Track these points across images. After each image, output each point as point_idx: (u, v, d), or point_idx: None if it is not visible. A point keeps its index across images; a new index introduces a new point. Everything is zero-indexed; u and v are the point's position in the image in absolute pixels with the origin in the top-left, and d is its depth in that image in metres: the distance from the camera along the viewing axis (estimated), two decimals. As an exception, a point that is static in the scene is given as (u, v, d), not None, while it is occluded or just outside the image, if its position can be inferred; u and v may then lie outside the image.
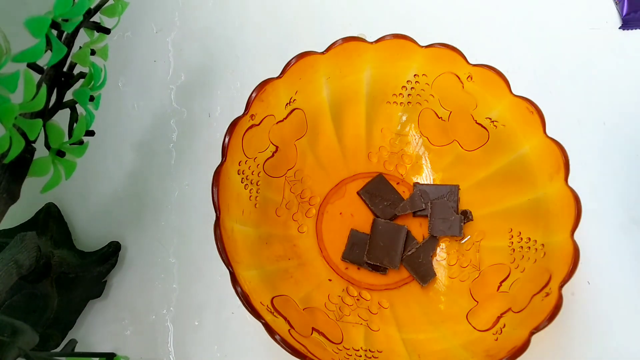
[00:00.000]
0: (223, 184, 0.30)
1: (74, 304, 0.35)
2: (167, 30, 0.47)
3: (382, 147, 0.39)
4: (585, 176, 0.39)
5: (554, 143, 0.31)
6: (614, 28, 0.45)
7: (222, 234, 0.29)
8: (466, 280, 0.35)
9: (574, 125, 0.42)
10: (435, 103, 0.37)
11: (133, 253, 0.39)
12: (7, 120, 0.22)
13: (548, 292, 0.28)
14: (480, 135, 0.36)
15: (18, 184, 0.25)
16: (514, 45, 0.45)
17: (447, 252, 0.37)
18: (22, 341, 0.27)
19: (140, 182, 0.41)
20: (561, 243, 0.30)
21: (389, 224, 0.37)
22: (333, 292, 0.35)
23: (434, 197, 0.38)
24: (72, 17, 0.25)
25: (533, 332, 0.27)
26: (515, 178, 0.34)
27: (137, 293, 0.37)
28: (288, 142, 0.37)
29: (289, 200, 0.37)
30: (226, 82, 0.44)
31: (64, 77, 0.27)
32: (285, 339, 0.27)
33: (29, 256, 0.30)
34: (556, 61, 0.44)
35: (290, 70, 0.33)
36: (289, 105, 0.35)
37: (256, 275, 0.31)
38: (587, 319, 0.35)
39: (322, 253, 0.37)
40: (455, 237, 0.36)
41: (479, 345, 0.30)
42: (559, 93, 0.43)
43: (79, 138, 0.27)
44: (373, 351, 0.31)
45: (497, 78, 0.33)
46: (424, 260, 0.36)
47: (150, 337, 0.36)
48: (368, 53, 0.35)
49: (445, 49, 0.34)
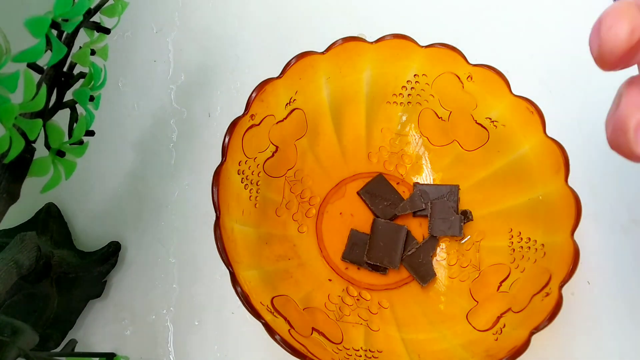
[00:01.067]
0: (223, 184, 0.30)
1: (74, 304, 0.35)
2: (167, 30, 0.47)
3: (382, 147, 0.39)
4: (585, 176, 0.39)
5: (554, 143, 0.31)
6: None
7: (222, 234, 0.29)
8: (466, 280, 0.35)
9: (574, 125, 0.42)
10: (435, 103, 0.37)
11: (133, 253, 0.39)
12: (7, 120, 0.22)
13: (548, 292, 0.28)
14: (480, 135, 0.36)
15: (18, 184, 0.25)
16: (514, 45, 0.45)
17: (447, 252, 0.37)
18: (22, 341, 0.27)
19: (140, 182, 0.41)
20: (561, 243, 0.30)
21: (389, 224, 0.37)
22: (333, 292, 0.35)
23: (434, 197, 0.38)
24: (72, 17, 0.25)
25: (533, 332, 0.27)
26: (515, 178, 0.34)
27: (137, 293, 0.37)
28: (288, 142, 0.37)
29: (289, 200, 0.37)
30: (226, 82, 0.44)
31: (64, 77, 0.27)
32: (285, 339, 0.27)
33: (29, 256, 0.30)
34: (556, 61, 0.44)
35: (290, 70, 0.33)
36: (289, 105, 0.35)
37: (256, 275, 0.31)
38: (587, 319, 0.35)
39: (322, 253, 0.37)
40: (455, 237, 0.36)
41: (479, 345, 0.30)
42: (559, 93, 0.43)
43: (79, 138, 0.28)
44: (373, 351, 0.31)
45: (497, 78, 0.33)
46: (424, 260, 0.36)
47: (150, 337, 0.36)
48: (368, 53, 0.35)
49: (445, 48, 0.34)
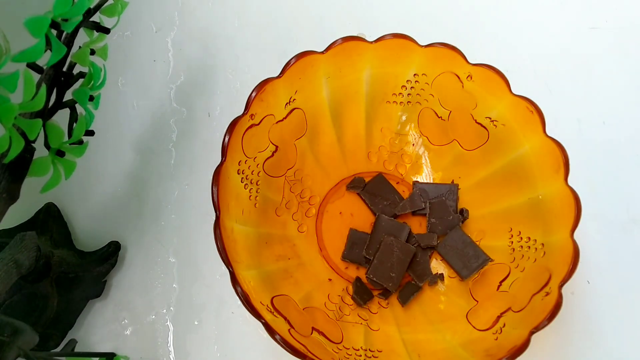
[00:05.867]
0: (223, 183, 0.30)
1: (74, 303, 0.35)
2: (167, 29, 0.47)
3: (382, 147, 0.39)
4: (585, 176, 0.39)
5: (553, 143, 0.31)
6: (614, 28, 0.45)
7: (222, 234, 0.29)
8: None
9: (574, 125, 0.42)
10: (435, 102, 0.37)
11: (133, 253, 0.39)
12: (6, 120, 0.22)
13: (548, 292, 0.28)
14: (480, 135, 0.36)
15: (18, 183, 0.25)
16: (513, 45, 0.45)
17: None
18: (22, 341, 0.27)
19: (140, 182, 0.41)
20: (561, 242, 0.30)
21: (392, 221, 0.36)
22: (333, 292, 0.35)
23: (433, 196, 0.38)
24: (71, 16, 0.25)
25: (533, 331, 0.27)
26: (515, 177, 0.34)
27: (137, 293, 0.37)
28: (288, 142, 0.37)
29: (288, 200, 0.37)
30: (226, 81, 0.44)
31: (63, 76, 0.27)
32: (285, 338, 0.27)
33: (29, 256, 0.30)
34: (556, 61, 0.44)
35: (290, 69, 0.33)
36: (288, 104, 0.35)
37: (256, 275, 0.31)
38: (587, 318, 0.35)
39: (321, 253, 0.37)
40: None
41: (479, 344, 0.30)
42: (559, 93, 0.43)
43: (78, 138, 0.28)
44: (373, 351, 0.31)
45: (497, 77, 0.33)
46: (421, 260, 0.36)
47: (150, 336, 0.36)
48: (368, 52, 0.35)
49: (445, 48, 0.34)
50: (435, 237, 0.36)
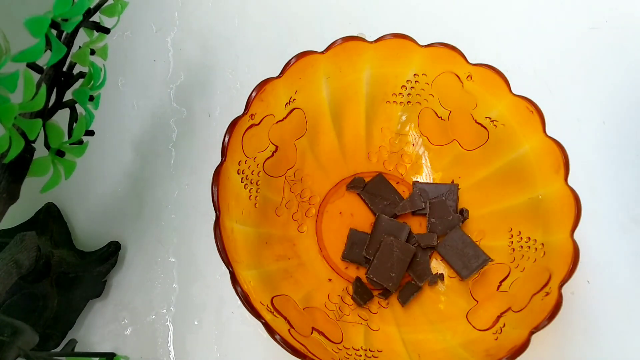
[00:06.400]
0: (223, 183, 0.30)
1: (74, 303, 0.35)
2: (167, 29, 0.47)
3: (382, 147, 0.39)
4: (585, 176, 0.39)
5: (553, 142, 0.31)
6: (614, 28, 0.45)
7: (222, 234, 0.29)
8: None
9: (573, 125, 0.42)
10: (435, 102, 0.37)
11: (133, 253, 0.39)
12: (6, 120, 0.22)
13: (548, 292, 0.28)
14: (480, 135, 0.36)
15: (18, 184, 0.25)
16: (514, 45, 0.45)
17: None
18: (22, 341, 0.27)
19: (140, 182, 0.41)
20: (561, 242, 0.30)
21: (392, 221, 0.36)
22: (333, 292, 0.35)
23: (433, 196, 0.38)
24: (71, 16, 0.25)
25: (533, 331, 0.27)
26: (515, 177, 0.34)
27: (137, 293, 0.37)
28: (288, 142, 0.37)
29: (288, 200, 0.37)
30: (226, 81, 0.44)
31: (63, 76, 0.27)
32: (285, 338, 0.27)
33: (29, 256, 0.30)
34: (556, 61, 0.44)
35: (290, 69, 0.33)
36: (288, 104, 0.35)
37: (256, 275, 0.31)
38: (587, 318, 0.35)
39: (321, 253, 0.37)
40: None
41: (479, 344, 0.30)
42: (559, 93, 0.43)
43: (78, 138, 0.28)
44: (373, 351, 0.31)
45: (497, 77, 0.33)
46: (421, 260, 0.36)
47: (150, 336, 0.36)
48: (368, 53, 0.35)
49: (445, 48, 0.34)
50: (435, 237, 0.36)
